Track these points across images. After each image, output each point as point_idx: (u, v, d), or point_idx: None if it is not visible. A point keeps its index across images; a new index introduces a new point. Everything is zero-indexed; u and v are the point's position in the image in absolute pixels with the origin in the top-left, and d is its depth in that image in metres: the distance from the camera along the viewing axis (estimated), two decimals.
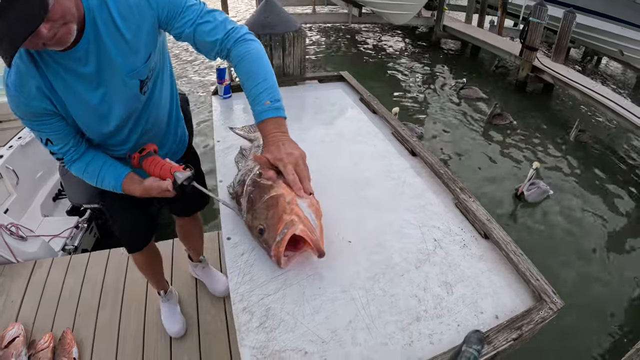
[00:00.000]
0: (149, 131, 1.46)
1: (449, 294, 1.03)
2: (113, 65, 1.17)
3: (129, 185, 1.33)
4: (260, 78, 1.18)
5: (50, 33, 0.94)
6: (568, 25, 7.73)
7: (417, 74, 9.29)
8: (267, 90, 1.17)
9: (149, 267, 2.16)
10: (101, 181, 1.35)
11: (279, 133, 1.16)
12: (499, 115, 6.83)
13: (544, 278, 1.06)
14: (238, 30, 1.23)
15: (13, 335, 2.30)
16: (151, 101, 1.40)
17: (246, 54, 1.20)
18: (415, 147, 1.63)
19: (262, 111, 1.16)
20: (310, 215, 1.06)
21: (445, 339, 0.92)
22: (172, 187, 1.24)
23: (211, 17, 1.21)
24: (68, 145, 1.28)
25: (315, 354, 0.87)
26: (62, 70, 1.13)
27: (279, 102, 1.18)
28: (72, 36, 1.02)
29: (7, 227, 2.94)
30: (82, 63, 1.13)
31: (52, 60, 1.11)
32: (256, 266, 1.08)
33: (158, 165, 1.29)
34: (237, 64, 1.21)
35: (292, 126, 1.23)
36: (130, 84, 1.25)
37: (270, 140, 1.15)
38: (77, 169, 1.34)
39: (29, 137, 4.12)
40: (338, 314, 0.96)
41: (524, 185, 4.79)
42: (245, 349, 0.88)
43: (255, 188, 1.16)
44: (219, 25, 1.21)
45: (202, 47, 1.24)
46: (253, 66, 1.20)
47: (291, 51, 2.36)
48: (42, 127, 1.22)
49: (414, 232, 1.23)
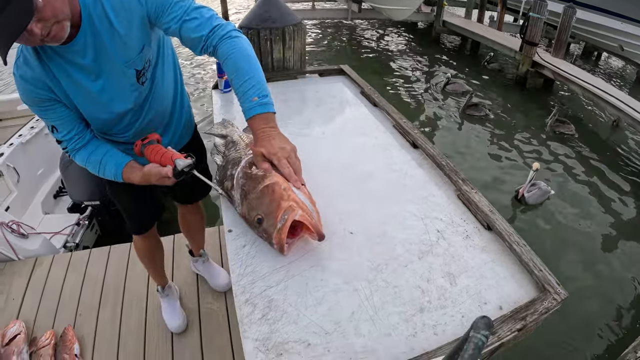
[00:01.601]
0: (153, 119, 1.51)
1: (452, 285, 1.03)
2: (109, 56, 1.24)
3: (129, 174, 1.36)
4: (247, 75, 1.20)
5: (43, 31, 1.02)
6: (568, 21, 7.70)
7: (416, 70, 9.27)
8: (254, 87, 1.19)
9: (152, 257, 2.18)
10: (103, 170, 1.39)
11: (268, 128, 1.18)
12: (474, 105, 6.77)
13: (547, 269, 1.05)
14: (224, 27, 1.25)
15: (14, 332, 2.30)
16: (152, 91, 1.44)
17: (232, 51, 1.22)
18: (416, 139, 1.62)
19: (251, 107, 1.18)
20: (305, 201, 1.08)
21: (449, 330, 0.92)
22: (172, 173, 1.25)
23: (197, 14, 1.23)
24: (72, 132, 1.34)
25: (319, 345, 0.87)
26: (63, 62, 1.20)
27: (267, 97, 1.20)
28: (65, 33, 1.09)
29: (9, 224, 2.94)
30: (81, 55, 1.20)
31: (54, 53, 1.19)
32: (258, 258, 1.08)
33: (159, 153, 1.31)
34: (224, 62, 1.24)
35: (293, 119, 1.23)
36: (128, 73, 1.31)
37: (261, 136, 1.17)
38: (81, 158, 1.40)
39: (29, 135, 4.13)
40: (341, 305, 0.96)
41: (524, 187, 4.57)
42: (247, 341, 0.87)
43: (247, 180, 1.17)
44: (205, 22, 1.23)
45: (188, 43, 1.27)
46: (239, 63, 1.22)
47: (291, 45, 2.35)
48: (47, 113, 1.29)
49: (417, 224, 1.22)
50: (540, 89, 8.25)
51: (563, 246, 4.11)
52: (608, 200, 4.92)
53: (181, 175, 1.25)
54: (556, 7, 8.57)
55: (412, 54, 10.55)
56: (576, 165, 5.60)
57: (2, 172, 3.71)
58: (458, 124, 6.56)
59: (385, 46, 11.22)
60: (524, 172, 5.02)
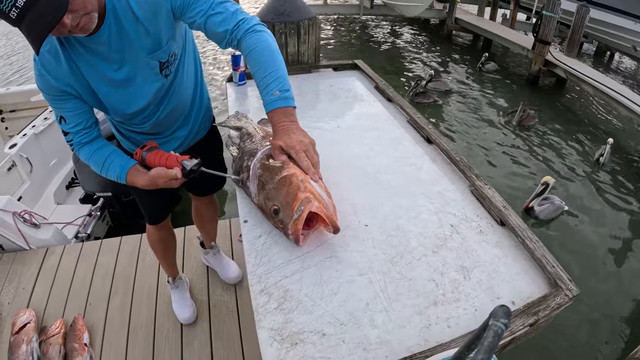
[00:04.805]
0: (172, 111, 1.53)
1: (465, 279, 1.03)
2: (133, 47, 1.25)
3: (134, 177, 1.36)
4: (270, 69, 1.21)
5: (73, 22, 1.04)
6: (581, 20, 7.63)
7: (427, 67, 9.23)
8: (276, 81, 1.20)
9: (165, 247, 2.20)
10: (106, 169, 1.39)
11: (288, 122, 1.19)
12: (422, 93, 6.90)
13: (559, 265, 1.05)
14: (248, 21, 1.26)
15: (24, 321, 2.32)
16: (174, 84, 1.46)
17: (256, 45, 1.23)
18: (431, 134, 1.62)
19: (272, 101, 1.20)
20: (322, 193, 1.09)
21: (462, 323, 0.92)
22: (182, 174, 1.27)
23: (222, 8, 1.25)
24: (80, 126, 1.35)
25: (334, 335, 0.87)
26: (87, 52, 1.23)
27: (289, 92, 1.21)
28: (93, 24, 1.12)
29: (21, 214, 2.95)
30: (105, 46, 1.22)
31: (78, 44, 1.21)
32: (273, 248, 1.09)
33: (164, 157, 1.33)
34: (248, 55, 1.25)
35: (308, 112, 1.24)
36: (152, 65, 1.32)
37: (280, 129, 1.19)
38: (85, 154, 1.39)
39: (42, 126, 4.17)
40: (356, 296, 0.96)
41: (529, 200, 4.29)
42: (263, 330, 0.88)
43: (264, 170, 1.18)
44: (230, 16, 1.24)
45: (213, 37, 1.28)
46: (263, 57, 1.23)
47: (306, 39, 2.36)
48: (59, 103, 1.30)
49: (431, 218, 1.23)
50: (552, 88, 8.20)
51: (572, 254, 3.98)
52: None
53: (190, 174, 1.28)
54: (569, 6, 8.51)
55: (423, 51, 10.50)
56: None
57: (16, 162, 3.76)
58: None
59: (397, 42, 11.18)
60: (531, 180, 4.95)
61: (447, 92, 7.68)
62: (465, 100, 7.48)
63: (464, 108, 7.18)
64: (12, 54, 12.02)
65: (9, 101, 4.96)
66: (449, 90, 7.71)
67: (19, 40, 12.92)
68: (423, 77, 7.65)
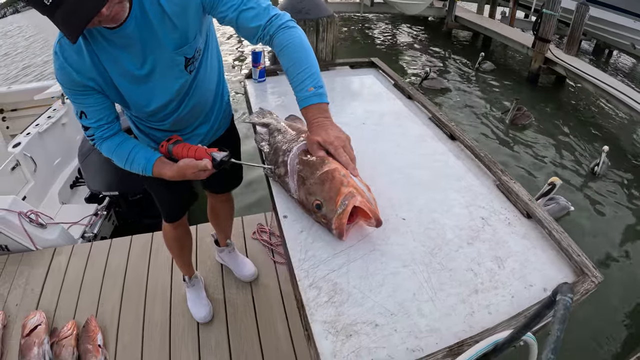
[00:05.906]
0: (194, 108, 1.52)
1: (500, 268, 1.05)
2: (159, 42, 1.24)
3: (161, 168, 1.36)
4: (304, 65, 1.22)
5: (108, 11, 1.03)
6: (581, 18, 7.69)
7: (426, 65, 9.27)
8: (310, 77, 1.21)
9: (181, 245, 2.19)
10: (130, 162, 1.38)
11: (323, 118, 1.21)
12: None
13: (584, 254, 1.07)
14: (280, 17, 1.26)
15: (35, 323, 2.28)
16: (197, 80, 1.45)
17: (290, 41, 1.23)
18: (454, 131, 1.64)
19: (307, 97, 1.21)
20: (363, 187, 1.10)
21: (502, 309, 0.94)
22: (212, 165, 1.28)
23: (254, 4, 1.24)
24: (102, 121, 1.34)
25: (386, 325, 0.89)
26: (110, 46, 1.20)
27: (322, 88, 1.23)
28: (125, 13, 1.12)
29: (27, 214, 2.91)
30: (130, 39, 1.20)
31: (101, 37, 1.19)
32: (317, 243, 1.09)
33: (192, 149, 1.33)
34: (280, 51, 1.25)
35: (332, 110, 1.26)
36: (177, 60, 1.31)
37: (316, 125, 1.20)
38: (108, 148, 1.38)
39: (46, 125, 4.15)
40: (402, 287, 0.97)
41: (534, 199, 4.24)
42: (316, 323, 0.89)
43: (304, 166, 1.18)
44: (262, 12, 1.24)
45: (244, 32, 1.28)
46: (297, 53, 1.23)
47: (324, 37, 2.36)
48: (80, 97, 1.28)
49: (462, 211, 1.24)
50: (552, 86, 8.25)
51: None
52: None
53: (221, 165, 1.28)
54: (569, 4, 8.56)
55: (423, 49, 10.54)
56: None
57: (19, 161, 3.73)
58: None
59: (397, 40, 11.21)
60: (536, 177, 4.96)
61: (442, 90, 7.72)
62: (460, 99, 7.53)
63: (460, 105, 7.23)
64: (12, 54, 11.96)
65: (10, 100, 4.94)
66: (445, 89, 7.75)
67: (19, 40, 12.83)
68: (427, 72, 7.69)
